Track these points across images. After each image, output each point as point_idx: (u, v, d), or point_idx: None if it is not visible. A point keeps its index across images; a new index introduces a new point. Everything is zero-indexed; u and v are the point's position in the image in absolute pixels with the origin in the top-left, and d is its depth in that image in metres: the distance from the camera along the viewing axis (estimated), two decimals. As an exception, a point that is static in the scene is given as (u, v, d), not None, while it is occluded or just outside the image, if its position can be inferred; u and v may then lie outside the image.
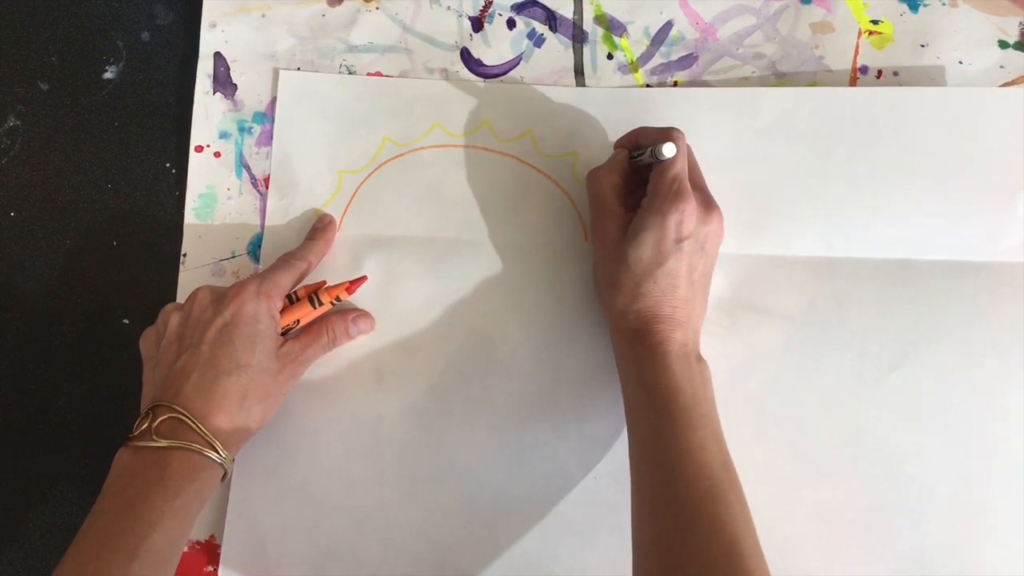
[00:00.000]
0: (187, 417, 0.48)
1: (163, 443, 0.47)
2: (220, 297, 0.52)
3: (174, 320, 0.52)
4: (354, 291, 0.57)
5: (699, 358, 0.50)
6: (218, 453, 0.48)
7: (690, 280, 0.50)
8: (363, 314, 0.57)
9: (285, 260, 0.55)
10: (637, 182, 0.54)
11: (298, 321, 0.55)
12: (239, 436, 0.50)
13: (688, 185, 0.50)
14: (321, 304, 0.55)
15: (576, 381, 0.57)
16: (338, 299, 0.56)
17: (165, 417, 0.48)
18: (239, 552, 0.56)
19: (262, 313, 0.52)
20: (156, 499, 0.46)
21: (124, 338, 0.59)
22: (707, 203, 0.51)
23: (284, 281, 0.54)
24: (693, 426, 0.47)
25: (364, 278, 0.57)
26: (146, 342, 0.54)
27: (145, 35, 0.63)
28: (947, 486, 0.54)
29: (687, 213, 0.49)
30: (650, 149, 0.51)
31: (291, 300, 0.55)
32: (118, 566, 0.44)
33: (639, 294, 0.50)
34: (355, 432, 0.57)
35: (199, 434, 0.48)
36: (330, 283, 0.57)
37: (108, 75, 0.62)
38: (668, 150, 0.50)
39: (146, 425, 0.48)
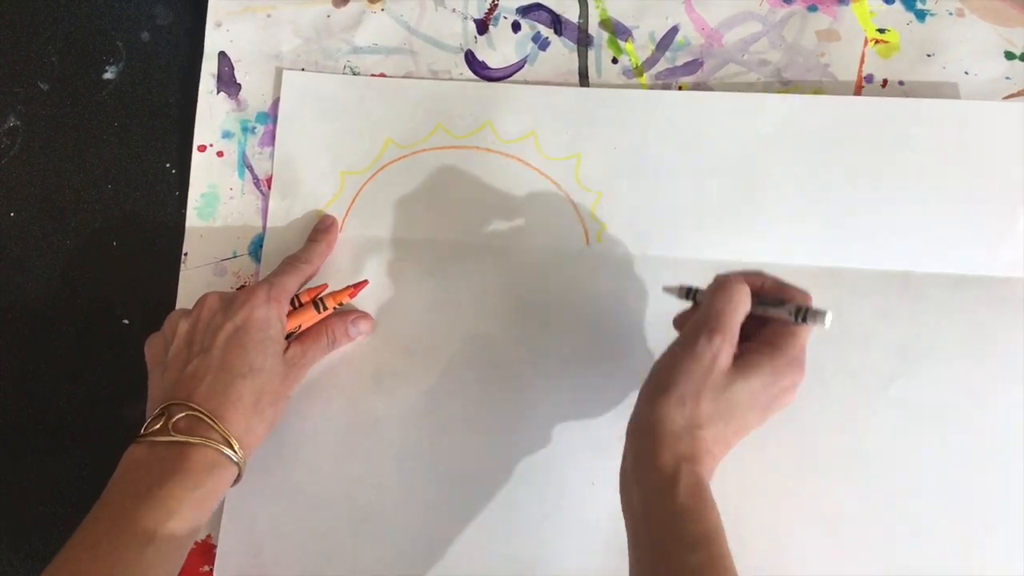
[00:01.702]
0: (205, 414, 0.48)
1: (181, 438, 0.47)
2: (229, 302, 0.52)
3: (183, 326, 0.52)
4: (356, 295, 0.57)
5: None
6: (235, 452, 0.48)
7: (741, 435, 0.48)
8: (363, 315, 0.57)
9: (290, 263, 0.55)
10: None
11: (299, 325, 0.55)
12: (253, 438, 0.50)
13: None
14: (325, 308, 0.56)
15: (576, 383, 0.57)
16: (340, 303, 0.56)
17: (182, 415, 0.48)
18: (235, 552, 0.56)
19: (272, 318, 0.52)
20: (175, 488, 0.46)
21: (124, 338, 0.59)
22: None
23: (291, 285, 0.54)
24: (730, 570, 0.44)
25: (366, 282, 0.57)
26: (152, 348, 0.53)
27: (145, 35, 0.62)
28: (945, 496, 0.54)
29: (795, 390, 0.48)
30: (797, 308, 0.47)
31: (293, 304, 0.55)
32: (133, 549, 0.44)
33: (709, 424, 0.46)
34: (353, 433, 0.57)
35: (217, 431, 0.48)
36: (333, 286, 0.57)
37: (108, 75, 0.62)
38: (828, 320, 0.46)
39: (161, 423, 0.48)
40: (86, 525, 0.46)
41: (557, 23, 0.61)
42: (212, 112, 0.61)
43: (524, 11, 0.61)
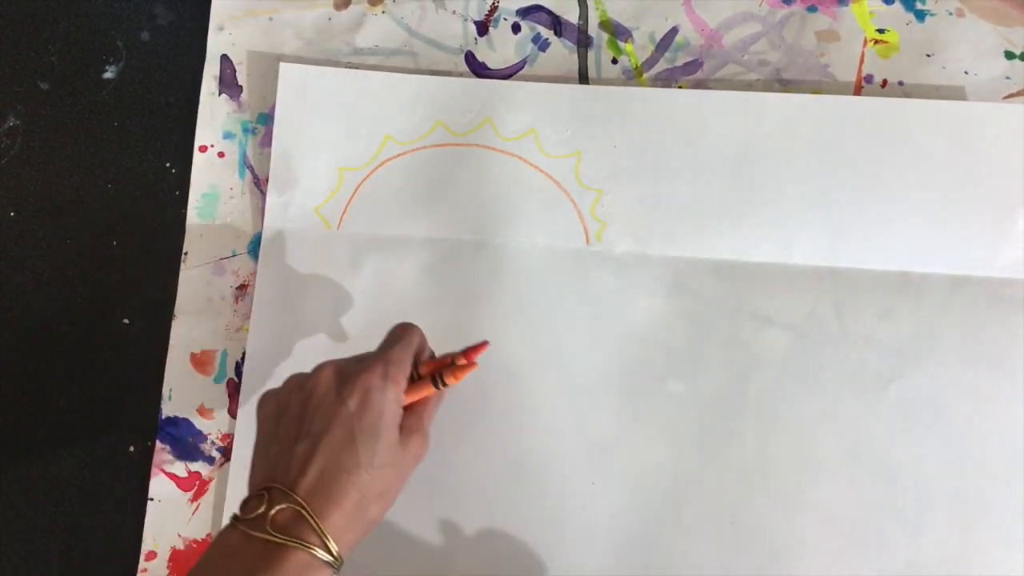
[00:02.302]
0: (307, 513, 0.45)
1: (279, 538, 0.44)
2: (344, 380, 0.48)
3: (296, 398, 0.49)
4: (474, 358, 0.51)
5: None
6: (332, 556, 0.45)
7: None
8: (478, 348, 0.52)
9: (402, 337, 0.51)
10: None
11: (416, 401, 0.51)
12: (353, 536, 0.47)
13: None
14: (445, 385, 0.51)
15: (576, 384, 0.57)
16: (461, 379, 0.51)
17: (284, 507, 0.45)
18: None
19: (388, 402, 0.48)
20: None
21: (124, 338, 0.59)
22: None
23: (406, 359, 0.50)
24: None
25: (486, 344, 0.52)
26: (265, 410, 0.51)
27: (145, 35, 0.62)
28: (944, 496, 0.54)
29: None
30: None
31: (412, 376, 0.51)
32: None
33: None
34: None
35: (316, 533, 0.44)
36: (329, 285, 0.57)
37: (108, 75, 0.62)
38: None
39: (262, 510, 0.45)
40: None
41: (557, 24, 0.61)
42: (213, 113, 0.61)
43: (524, 12, 0.61)
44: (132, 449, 0.59)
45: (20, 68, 0.62)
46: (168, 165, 0.61)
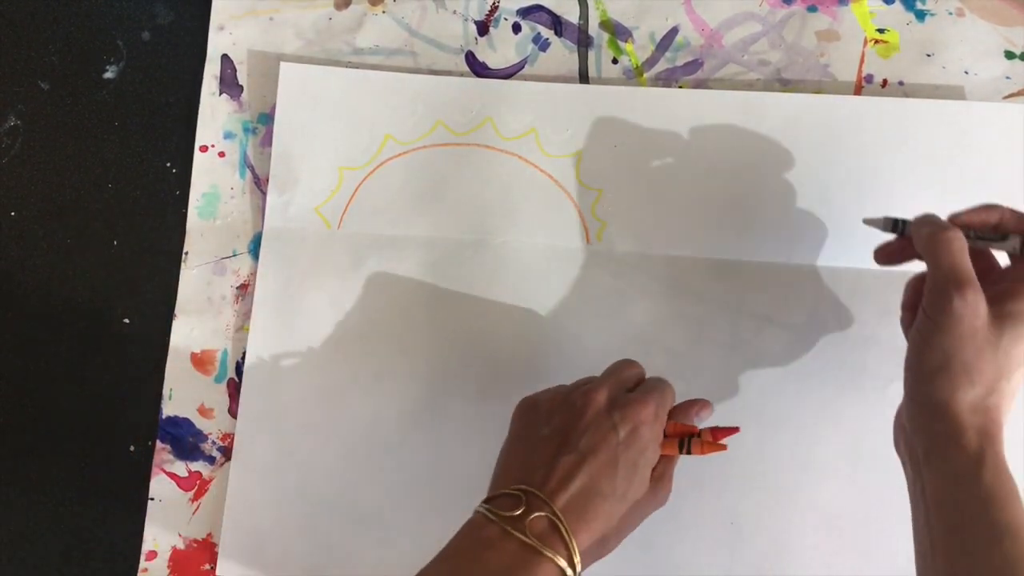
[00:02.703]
0: (564, 528, 0.44)
1: (537, 544, 0.44)
2: (617, 407, 0.48)
3: (564, 412, 0.49)
4: (722, 438, 0.51)
5: None
6: (576, 574, 0.45)
7: (1021, 387, 0.46)
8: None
9: (665, 389, 0.50)
10: None
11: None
12: (588, 561, 0.46)
13: None
14: (689, 453, 0.50)
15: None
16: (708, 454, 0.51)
17: (541, 515, 0.45)
18: (236, 551, 0.57)
19: (654, 441, 0.48)
20: None
21: (124, 338, 0.59)
22: None
23: (671, 403, 0.50)
24: None
25: (737, 429, 0.51)
26: (525, 411, 0.51)
27: (146, 34, 0.62)
28: (944, 496, 0.54)
29: None
30: (1022, 242, 0.47)
31: None
32: None
33: (996, 389, 0.45)
34: (353, 432, 0.57)
35: (567, 549, 0.44)
36: (330, 287, 0.57)
37: (109, 75, 0.62)
38: None
39: (519, 512, 0.44)
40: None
41: (557, 24, 0.61)
42: (214, 113, 0.61)
43: (524, 12, 0.61)
44: (132, 449, 0.59)
45: (20, 68, 0.62)
46: (168, 165, 0.61)
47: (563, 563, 0.44)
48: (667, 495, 0.50)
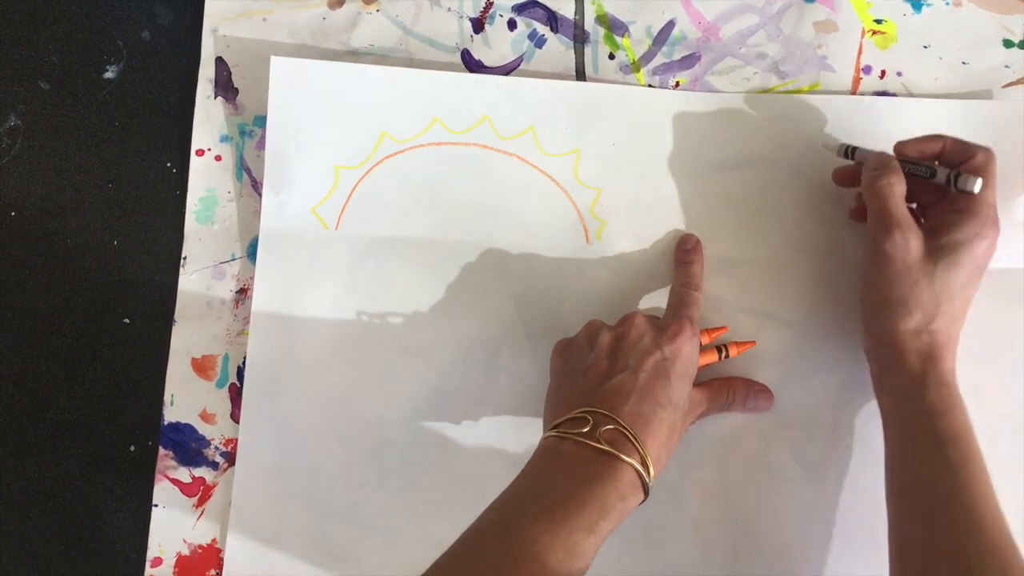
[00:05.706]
0: (632, 435, 0.46)
1: (613, 451, 0.46)
2: (659, 330, 0.51)
3: (606, 336, 0.52)
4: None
5: None
6: (650, 478, 0.47)
7: (969, 306, 0.51)
8: (765, 390, 0.56)
9: (686, 292, 0.55)
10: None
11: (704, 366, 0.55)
12: (657, 469, 0.48)
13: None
14: (728, 356, 0.55)
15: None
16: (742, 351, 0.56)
17: (609, 427, 0.46)
18: (241, 556, 0.57)
19: (695, 355, 0.51)
20: (610, 489, 0.45)
21: (124, 338, 0.59)
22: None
23: (698, 318, 0.53)
24: (983, 468, 0.47)
25: (753, 343, 0.56)
26: (563, 351, 0.54)
27: (145, 34, 0.63)
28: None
29: (996, 242, 0.50)
30: (955, 175, 0.50)
31: None
32: (581, 532, 0.44)
33: (938, 314, 0.49)
34: (356, 435, 0.57)
35: (640, 454, 0.46)
36: (325, 286, 0.57)
37: (108, 75, 0.62)
38: (977, 185, 0.49)
39: (588, 427, 0.47)
40: (536, 494, 0.46)
41: (553, 20, 0.61)
42: (210, 117, 0.61)
43: (520, 9, 0.61)
44: (132, 449, 0.59)
45: (20, 68, 0.62)
46: (169, 165, 0.61)
47: (639, 466, 0.46)
48: (705, 405, 0.54)
